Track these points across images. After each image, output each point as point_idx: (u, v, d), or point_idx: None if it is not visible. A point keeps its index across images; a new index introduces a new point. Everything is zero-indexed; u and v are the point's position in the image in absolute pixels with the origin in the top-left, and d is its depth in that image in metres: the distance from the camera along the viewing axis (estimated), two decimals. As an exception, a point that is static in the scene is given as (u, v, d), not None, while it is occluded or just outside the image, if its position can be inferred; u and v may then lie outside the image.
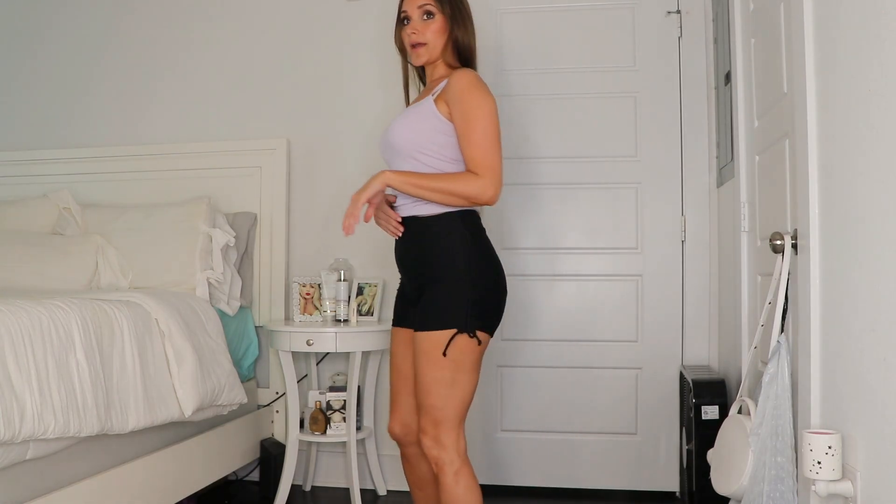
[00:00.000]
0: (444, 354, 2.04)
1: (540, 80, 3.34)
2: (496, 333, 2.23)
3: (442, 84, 2.18)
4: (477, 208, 2.19)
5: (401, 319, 2.30)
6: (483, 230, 2.21)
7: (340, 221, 3.41)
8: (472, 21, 2.30)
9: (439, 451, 2.07)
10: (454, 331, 2.05)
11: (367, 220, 2.20)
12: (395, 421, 2.29)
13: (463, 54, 2.27)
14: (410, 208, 2.19)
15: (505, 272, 2.18)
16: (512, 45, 3.36)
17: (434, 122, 2.14)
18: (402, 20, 2.27)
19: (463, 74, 2.13)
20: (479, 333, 2.07)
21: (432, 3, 2.21)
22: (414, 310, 2.20)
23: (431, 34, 2.21)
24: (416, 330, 2.13)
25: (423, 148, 2.14)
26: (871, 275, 1.43)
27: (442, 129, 2.13)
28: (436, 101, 2.15)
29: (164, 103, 3.66)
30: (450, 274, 2.10)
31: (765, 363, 1.96)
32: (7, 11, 3.83)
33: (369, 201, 2.16)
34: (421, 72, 2.36)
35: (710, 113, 3.22)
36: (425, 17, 2.21)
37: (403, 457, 2.34)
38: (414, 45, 2.22)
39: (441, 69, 2.27)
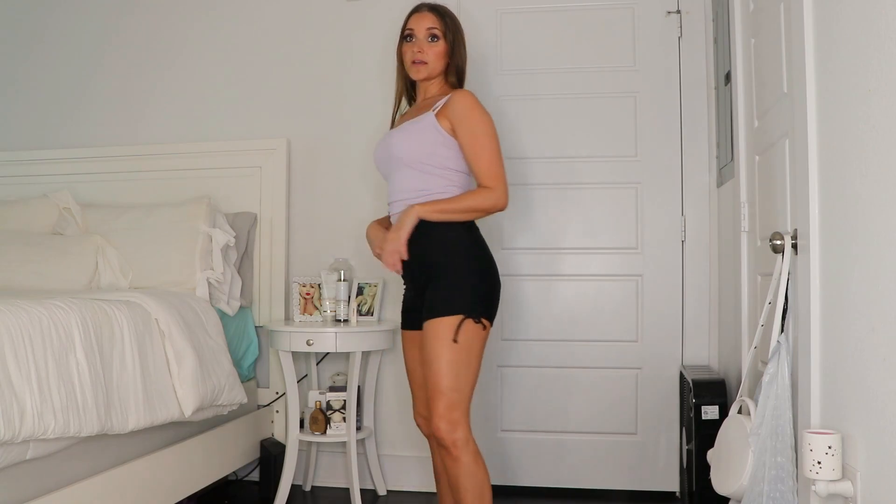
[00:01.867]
0: (455, 341, 2.21)
1: (540, 80, 3.34)
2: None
3: (442, 101, 2.38)
4: None
5: (408, 322, 2.46)
6: (476, 227, 2.40)
7: (340, 221, 3.44)
8: (466, 47, 2.54)
9: (456, 433, 2.20)
10: (462, 316, 2.22)
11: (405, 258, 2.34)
12: (418, 417, 2.50)
13: (458, 74, 2.50)
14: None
15: (505, 272, 2.31)
16: (512, 45, 3.36)
17: (436, 135, 2.34)
18: (406, 36, 2.48)
19: (466, 95, 2.37)
20: (483, 320, 2.25)
21: (439, 28, 2.44)
22: (418, 312, 2.36)
23: (434, 55, 2.44)
24: (424, 320, 2.27)
25: (427, 158, 2.34)
26: (871, 275, 1.43)
27: (443, 143, 2.34)
28: (437, 116, 2.35)
29: (164, 103, 3.66)
30: (453, 266, 2.29)
31: (765, 363, 1.96)
32: (7, 12, 3.83)
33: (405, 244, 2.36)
34: (410, 86, 2.58)
35: (710, 113, 3.22)
36: (431, 39, 2.44)
37: (431, 449, 2.49)
38: (415, 62, 2.43)
39: (436, 86, 2.51)
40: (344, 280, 3.24)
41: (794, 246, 1.86)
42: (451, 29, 2.46)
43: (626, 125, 3.29)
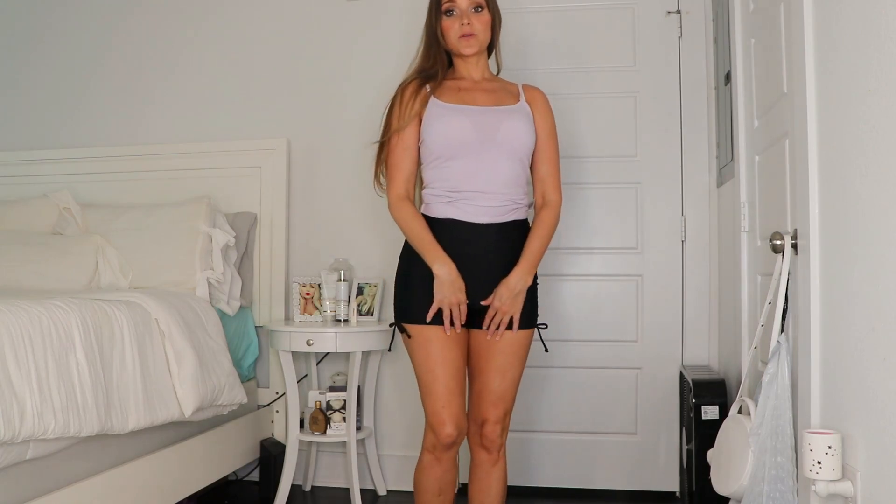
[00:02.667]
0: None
1: (540, 80, 3.31)
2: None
3: (520, 92, 2.36)
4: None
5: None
6: None
7: (340, 221, 3.44)
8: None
9: (503, 441, 2.34)
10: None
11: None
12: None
13: (492, 46, 2.42)
14: (499, 213, 2.30)
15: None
16: (512, 45, 3.36)
17: (531, 127, 2.31)
18: (445, 11, 2.30)
19: (543, 93, 2.38)
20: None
21: None
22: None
23: (482, 26, 2.30)
24: None
25: (529, 151, 2.31)
26: (871, 275, 1.43)
27: (533, 137, 2.32)
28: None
29: (164, 103, 3.66)
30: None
31: (765, 363, 1.96)
32: (7, 12, 3.83)
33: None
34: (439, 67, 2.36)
35: (710, 113, 3.22)
36: (475, 9, 2.29)
37: (449, 459, 2.30)
38: (465, 35, 2.28)
39: (483, 64, 2.38)
40: (344, 280, 3.24)
41: (794, 246, 1.86)
42: (494, 1, 2.35)
43: (626, 125, 3.29)
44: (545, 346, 2.40)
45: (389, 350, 2.54)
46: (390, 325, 2.34)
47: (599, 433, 3.26)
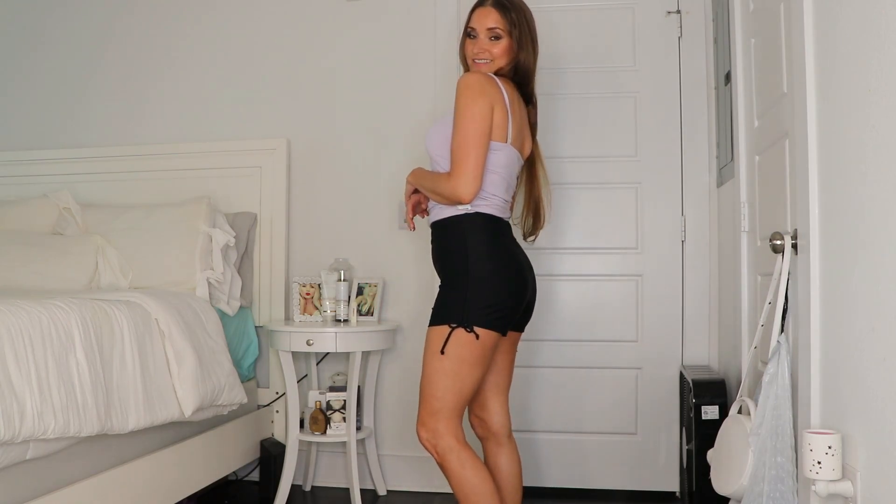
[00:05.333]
0: (443, 352, 2.14)
1: (540, 80, 3.30)
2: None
3: None
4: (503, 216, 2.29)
5: None
6: (492, 232, 2.23)
7: (340, 221, 3.45)
8: (537, 43, 2.36)
9: (436, 440, 2.16)
10: (450, 326, 2.15)
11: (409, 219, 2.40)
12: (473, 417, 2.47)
13: (520, 73, 2.32)
14: (433, 213, 2.32)
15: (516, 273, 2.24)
16: (512, 45, 3.36)
17: (439, 129, 2.29)
18: (468, 33, 2.33)
19: (462, 78, 2.21)
20: (476, 329, 2.13)
21: (502, 27, 2.27)
22: None
23: (498, 51, 2.29)
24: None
25: (437, 151, 2.27)
26: (871, 275, 1.43)
27: (434, 139, 2.29)
28: None
29: (163, 103, 3.66)
30: (450, 274, 2.23)
31: (765, 363, 1.96)
32: (7, 11, 3.83)
33: (409, 198, 2.38)
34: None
35: (710, 113, 3.22)
36: (492, 38, 2.28)
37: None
38: (476, 61, 2.30)
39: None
40: (344, 280, 3.24)
41: (794, 246, 1.86)
42: (516, 24, 2.26)
43: (626, 125, 3.29)
44: (442, 349, 2.15)
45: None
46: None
47: (599, 433, 3.26)
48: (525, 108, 2.38)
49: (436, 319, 2.19)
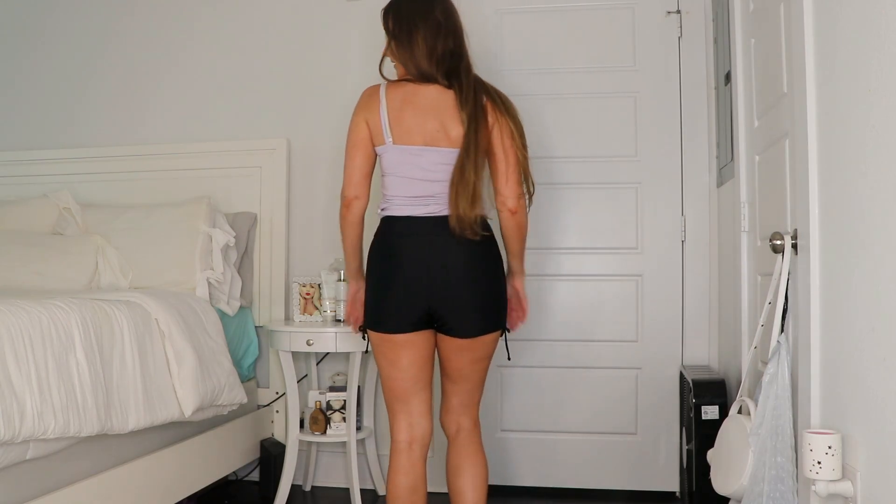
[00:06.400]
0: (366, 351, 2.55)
1: (540, 80, 3.34)
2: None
3: None
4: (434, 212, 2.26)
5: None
6: (382, 233, 2.33)
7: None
8: (423, 35, 2.29)
9: None
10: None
11: None
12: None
13: (410, 70, 2.33)
14: None
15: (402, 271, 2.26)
16: (511, 45, 3.36)
17: None
18: None
19: None
20: (368, 332, 2.34)
21: (382, 25, 2.39)
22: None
23: (387, 53, 2.40)
24: None
25: None
26: (871, 275, 1.43)
27: None
28: None
29: (164, 103, 3.66)
30: None
31: (765, 363, 1.96)
32: (7, 11, 3.83)
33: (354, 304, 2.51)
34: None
35: (710, 113, 3.22)
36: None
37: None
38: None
39: None
40: (344, 280, 3.24)
41: (794, 246, 1.86)
42: (393, 21, 2.36)
43: (626, 125, 3.29)
44: (366, 349, 2.55)
45: (509, 359, 2.67)
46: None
47: (599, 433, 3.26)
48: (447, 100, 2.27)
49: None
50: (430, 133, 2.26)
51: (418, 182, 2.26)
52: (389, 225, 2.30)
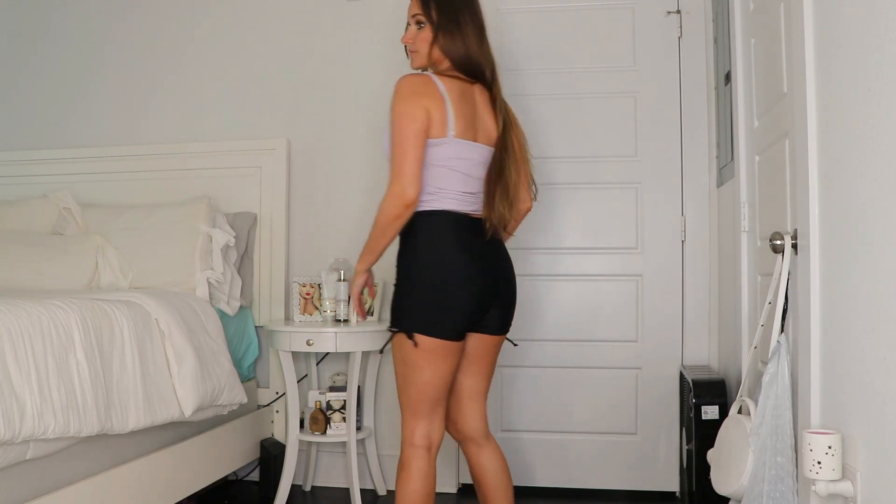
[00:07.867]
0: (381, 352, 2.46)
1: (540, 80, 3.34)
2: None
3: None
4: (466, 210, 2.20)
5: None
6: (436, 230, 2.18)
7: (340, 221, 3.45)
8: (472, 28, 2.27)
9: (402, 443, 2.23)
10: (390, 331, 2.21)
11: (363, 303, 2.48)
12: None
13: (458, 63, 2.25)
14: None
15: (465, 273, 2.16)
16: (512, 45, 3.36)
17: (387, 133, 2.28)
18: (407, 24, 2.35)
19: (397, 81, 2.18)
20: (416, 336, 2.13)
21: (420, 13, 2.27)
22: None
23: (420, 42, 2.28)
24: None
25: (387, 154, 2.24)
26: (871, 275, 1.43)
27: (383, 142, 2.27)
28: None
29: (164, 103, 3.66)
30: (398, 276, 2.22)
31: (765, 363, 1.96)
32: (7, 11, 3.83)
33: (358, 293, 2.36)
34: None
35: (710, 113, 3.22)
36: (418, 26, 2.29)
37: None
38: (409, 51, 2.33)
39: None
40: (344, 280, 3.23)
41: (794, 246, 1.86)
42: (440, 11, 2.23)
43: (626, 125, 3.29)
44: (381, 349, 2.47)
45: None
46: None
47: (599, 433, 3.26)
48: (485, 99, 2.29)
49: (392, 322, 2.22)
50: (481, 130, 2.25)
51: (471, 179, 2.22)
52: (445, 221, 2.17)
